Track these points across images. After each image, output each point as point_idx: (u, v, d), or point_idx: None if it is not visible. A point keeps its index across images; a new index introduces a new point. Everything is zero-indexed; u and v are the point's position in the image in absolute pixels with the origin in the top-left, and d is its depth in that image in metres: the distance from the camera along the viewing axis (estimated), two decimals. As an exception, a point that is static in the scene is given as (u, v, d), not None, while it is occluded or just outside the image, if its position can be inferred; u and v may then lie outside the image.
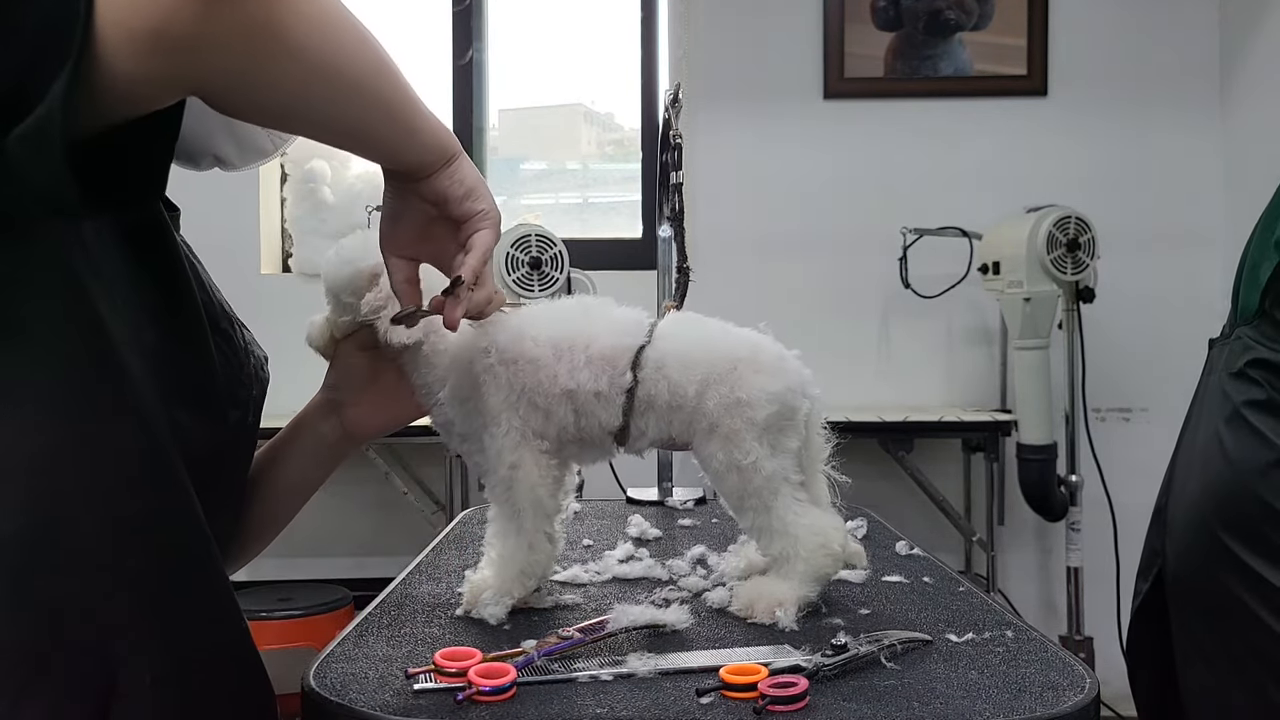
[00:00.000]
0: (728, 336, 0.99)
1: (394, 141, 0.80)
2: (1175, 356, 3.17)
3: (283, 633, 2.66)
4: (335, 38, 0.70)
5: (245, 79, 0.67)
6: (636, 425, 0.98)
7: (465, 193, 0.85)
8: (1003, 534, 3.14)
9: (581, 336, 0.97)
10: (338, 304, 1.01)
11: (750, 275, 3.17)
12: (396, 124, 0.79)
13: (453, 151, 0.84)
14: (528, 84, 3.57)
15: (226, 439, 0.90)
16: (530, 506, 0.97)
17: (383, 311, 0.96)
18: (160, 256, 0.84)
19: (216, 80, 0.66)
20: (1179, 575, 1.15)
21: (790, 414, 0.97)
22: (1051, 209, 2.74)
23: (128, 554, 0.74)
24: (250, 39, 0.64)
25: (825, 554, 0.96)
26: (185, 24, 0.61)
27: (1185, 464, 1.18)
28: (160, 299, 0.83)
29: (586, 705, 0.74)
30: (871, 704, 0.74)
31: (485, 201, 0.86)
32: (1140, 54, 3.22)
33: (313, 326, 1.05)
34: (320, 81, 0.70)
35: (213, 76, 0.66)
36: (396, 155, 0.82)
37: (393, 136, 0.79)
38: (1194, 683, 1.14)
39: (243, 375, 0.92)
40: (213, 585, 0.82)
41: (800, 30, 3.24)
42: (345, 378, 1.03)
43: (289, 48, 0.67)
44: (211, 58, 0.64)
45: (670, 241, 1.66)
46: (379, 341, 0.98)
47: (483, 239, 0.86)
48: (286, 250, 3.39)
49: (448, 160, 0.84)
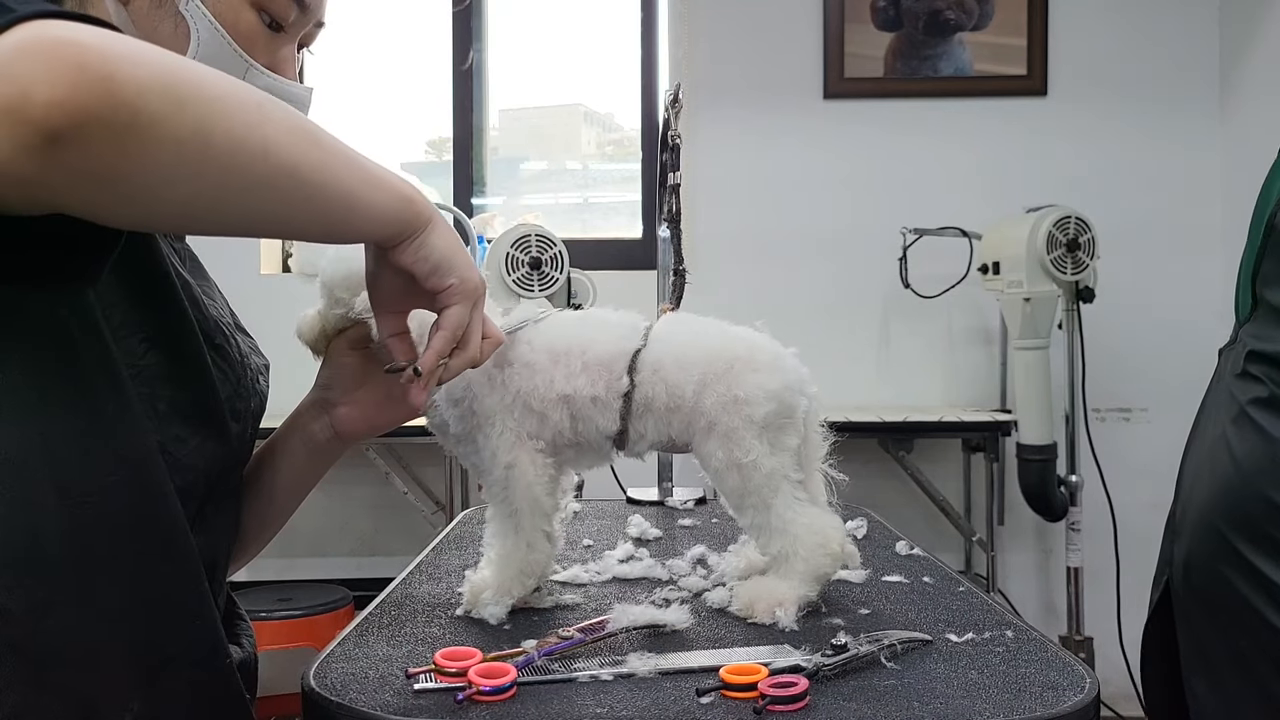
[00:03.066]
0: (724, 335, 0.99)
1: (334, 228, 0.76)
2: (1175, 356, 3.19)
3: (283, 633, 2.66)
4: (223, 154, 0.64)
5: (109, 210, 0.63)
6: (635, 429, 0.98)
7: (431, 269, 0.80)
8: (1003, 534, 3.14)
9: (578, 342, 0.97)
10: (331, 299, 1.00)
11: (750, 275, 3.17)
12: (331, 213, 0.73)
13: (415, 226, 0.79)
14: (528, 84, 3.57)
15: (227, 453, 0.89)
16: (527, 506, 0.98)
17: None
18: (148, 278, 0.83)
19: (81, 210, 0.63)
20: (1187, 579, 1.15)
21: (789, 411, 0.97)
22: (1051, 209, 2.74)
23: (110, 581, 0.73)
24: (101, 183, 0.60)
25: (824, 553, 0.96)
26: (25, 169, 0.57)
27: (1193, 470, 1.18)
28: (151, 318, 0.82)
29: (586, 705, 0.74)
30: (871, 704, 0.74)
31: (456, 275, 0.81)
32: (1140, 54, 3.22)
33: (303, 320, 1.04)
34: (207, 199, 0.65)
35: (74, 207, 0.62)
36: (343, 238, 0.78)
37: (330, 225, 0.75)
38: (1200, 687, 1.13)
39: (240, 389, 0.92)
40: (197, 612, 0.81)
41: (800, 30, 3.24)
42: (337, 377, 1.03)
43: (152, 184, 0.62)
44: (64, 196, 0.61)
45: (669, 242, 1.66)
46: (371, 340, 0.98)
47: (449, 317, 0.82)
48: (286, 250, 3.39)
49: (411, 234, 0.79)
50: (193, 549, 0.80)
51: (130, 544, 0.75)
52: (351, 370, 1.03)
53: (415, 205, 0.79)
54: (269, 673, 0.90)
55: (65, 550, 0.70)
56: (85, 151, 0.58)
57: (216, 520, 0.90)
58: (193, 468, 0.83)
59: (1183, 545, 1.16)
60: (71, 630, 0.71)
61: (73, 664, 0.70)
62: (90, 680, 0.72)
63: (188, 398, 0.84)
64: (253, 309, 1.12)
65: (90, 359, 0.74)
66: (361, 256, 0.92)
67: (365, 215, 0.76)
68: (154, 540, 0.77)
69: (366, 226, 0.77)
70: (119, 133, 0.58)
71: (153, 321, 0.83)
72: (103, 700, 0.72)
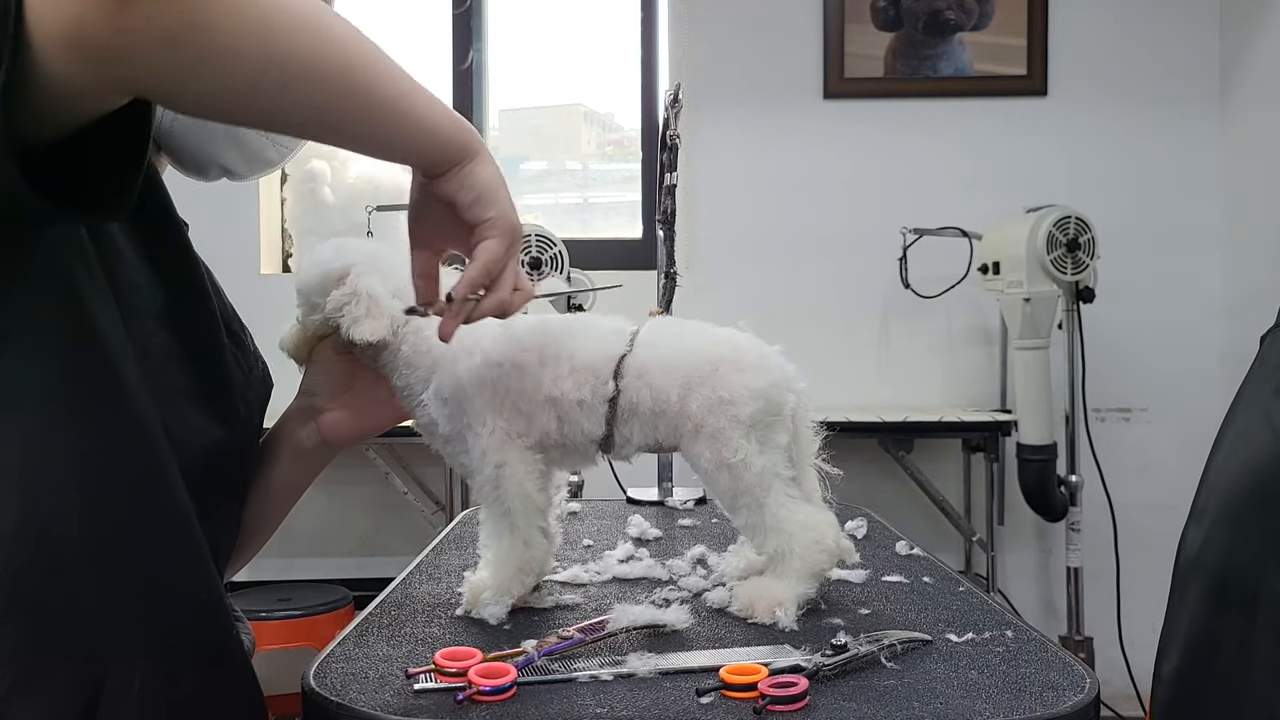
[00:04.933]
0: (708, 337, 1.00)
1: (384, 139, 0.78)
2: (1175, 356, 3.19)
3: (283, 633, 2.66)
4: (285, 33, 0.66)
5: (178, 80, 0.64)
6: (621, 433, 0.98)
7: (473, 198, 0.82)
8: (1003, 534, 3.14)
9: (566, 346, 0.97)
10: (308, 305, 1.01)
11: (750, 275, 3.17)
12: (384, 121, 0.76)
13: (465, 155, 0.81)
14: (528, 84, 3.57)
15: (237, 438, 0.91)
16: (520, 503, 0.98)
17: (346, 309, 0.96)
18: (179, 263, 0.86)
19: (149, 81, 0.64)
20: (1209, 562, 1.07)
21: (776, 409, 0.97)
22: (1051, 209, 2.74)
23: (119, 557, 0.75)
24: (172, 44, 0.61)
25: (820, 550, 0.96)
26: (99, 31, 0.59)
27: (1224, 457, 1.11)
28: (177, 303, 0.85)
29: (586, 705, 0.74)
30: (871, 704, 0.74)
31: (496, 208, 0.83)
32: (1140, 54, 3.22)
33: (286, 331, 1.04)
34: (271, 78, 0.67)
35: (143, 78, 0.64)
36: (391, 153, 0.80)
37: (381, 134, 0.77)
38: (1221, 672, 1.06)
39: (251, 378, 0.94)
40: (204, 590, 0.82)
41: (800, 30, 3.24)
42: (321, 382, 1.03)
43: (220, 48, 0.63)
44: (135, 62, 0.62)
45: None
46: (354, 345, 0.98)
47: (485, 249, 0.83)
48: (286, 251, 3.39)
49: (460, 162, 0.81)
50: (196, 527, 0.81)
51: (137, 517, 0.76)
52: (337, 375, 1.02)
53: (467, 133, 0.81)
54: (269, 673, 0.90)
55: (75, 519, 0.72)
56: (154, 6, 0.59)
57: (218, 510, 0.91)
58: (196, 448, 0.84)
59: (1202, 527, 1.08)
60: (82, 598, 0.72)
61: (83, 633, 0.72)
62: (100, 649, 0.73)
63: (199, 380, 0.86)
64: (253, 309, 1.11)
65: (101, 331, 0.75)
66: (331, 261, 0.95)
67: (422, 138, 0.78)
68: (160, 515, 0.78)
69: (419, 149, 0.79)
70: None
71: (174, 303, 0.85)
72: (112, 670, 0.73)
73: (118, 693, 0.73)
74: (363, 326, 0.95)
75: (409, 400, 1.01)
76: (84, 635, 0.72)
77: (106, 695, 0.72)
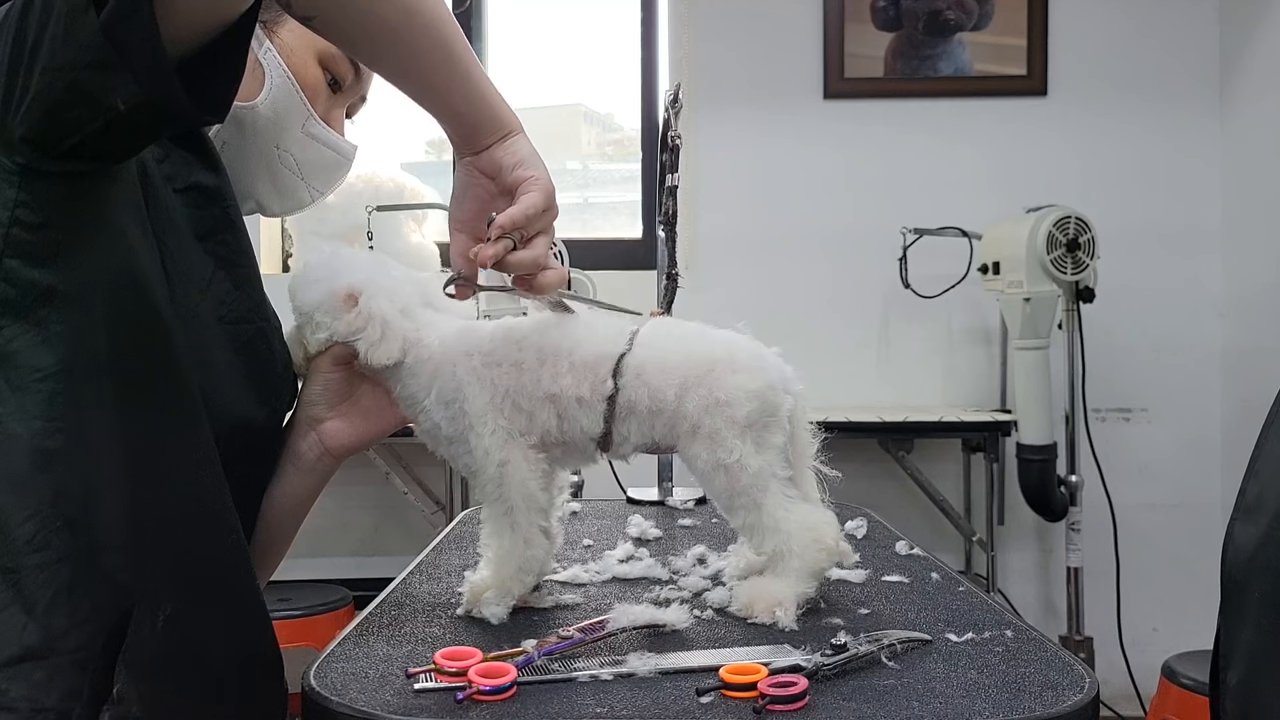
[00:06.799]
0: (705, 339, 1.00)
1: (459, 93, 0.88)
2: (1175, 356, 3.19)
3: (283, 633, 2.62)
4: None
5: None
6: (619, 431, 0.98)
7: (516, 162, 0.91)
8: (1003, 534, 3.14)
9: (565, 343, 0.98)
10: (311, 322, 1.01)
11: (750, 275, 3.17)
12: (458, 76, 0.87)
13: (510, 128, 0.92)
14: (528, 84, 3.57)
15: (274, 424, 0.98)
16: (522, 502, 0.98)
17: (362, 333, 0.97)
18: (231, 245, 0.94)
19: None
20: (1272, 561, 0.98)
21: (772, 410, 0.97)
22: (1051, 209, 2.74)
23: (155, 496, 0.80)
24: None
25: (819, 548, 0.96)
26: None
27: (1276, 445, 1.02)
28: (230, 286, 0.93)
29: (586, 705, 0.75)
30: (871, 704, 0.75)
31: (537, 170, 0.92)
32: (1140, 54, 3.22)
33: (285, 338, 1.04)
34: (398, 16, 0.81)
35: None
36: (453, 107, 0.89)
37: (455, 87, 0.88)
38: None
39: (276, 366, 0.99)
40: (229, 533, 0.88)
41: (800, 30, 3.24)
42: (320, 393, 1.03)
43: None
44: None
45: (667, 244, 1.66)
46: (355, 357, 0.99)
47: (528, 197, 0.90)
48: (286, 250, 3.40)
49: (504, 135, 0.91)
50: (223, 478, 0.87)
51: (171, 454, 0.82)
52: (336, 385, 1.03)
53: (511, 111, 0.93)
54: (269, 672, 0.90)
55: (114, 447, 0.78)
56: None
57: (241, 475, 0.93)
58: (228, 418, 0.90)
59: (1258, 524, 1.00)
60: (119, 520, 0.77)
61: (119, 550, 0.77)
62: (132, 572, 0.78)
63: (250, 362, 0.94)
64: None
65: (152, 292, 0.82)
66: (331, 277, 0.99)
67: (482, 104, 0.90)
68: (192, 456, 0.84)
69: (479, 112, 0.90)
70: None
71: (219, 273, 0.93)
72: (141, 593, 0.78)
73: (143, 623, 0.77)
74: (380, 351, 0.97)
75: (411, 408, 1.01)
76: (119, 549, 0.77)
77: (134, 624, 0.77)
